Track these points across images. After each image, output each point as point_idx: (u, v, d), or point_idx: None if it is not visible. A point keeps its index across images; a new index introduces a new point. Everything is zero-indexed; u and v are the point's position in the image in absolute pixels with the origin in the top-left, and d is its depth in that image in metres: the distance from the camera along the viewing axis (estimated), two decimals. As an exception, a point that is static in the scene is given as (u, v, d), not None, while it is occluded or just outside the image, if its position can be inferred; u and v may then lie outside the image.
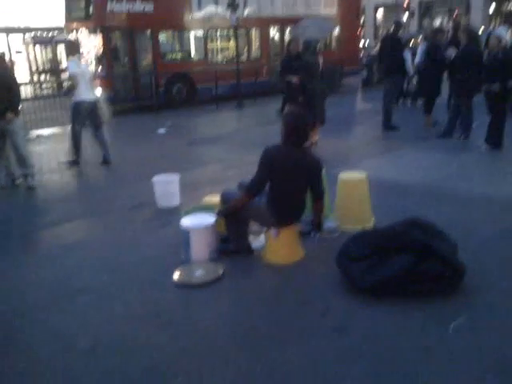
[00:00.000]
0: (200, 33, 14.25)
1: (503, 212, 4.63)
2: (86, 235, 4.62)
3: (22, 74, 19.58)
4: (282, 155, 3.65)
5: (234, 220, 3.89)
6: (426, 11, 37.94)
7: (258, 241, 4.10)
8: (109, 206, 5.47)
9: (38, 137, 10.08)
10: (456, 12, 33.63)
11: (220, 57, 15.40)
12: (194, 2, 13.65)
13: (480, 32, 22.07)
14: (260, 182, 3.67)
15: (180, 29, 13.96)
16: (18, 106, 6.22)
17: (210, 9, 13.88)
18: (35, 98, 14.36)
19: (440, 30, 10.30)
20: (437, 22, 35.52)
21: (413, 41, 12.73)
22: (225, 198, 3.96)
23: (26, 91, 13.78)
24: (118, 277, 3.72)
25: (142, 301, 3.35)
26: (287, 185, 3.65)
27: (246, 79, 13.55)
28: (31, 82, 19.40)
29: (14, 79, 6.33)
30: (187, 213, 4.24)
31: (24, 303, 3.41)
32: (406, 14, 33.29)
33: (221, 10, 13.70)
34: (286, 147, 3.68)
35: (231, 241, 4.00)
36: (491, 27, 28.29)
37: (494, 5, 33.53)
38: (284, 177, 3.63)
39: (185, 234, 3.89)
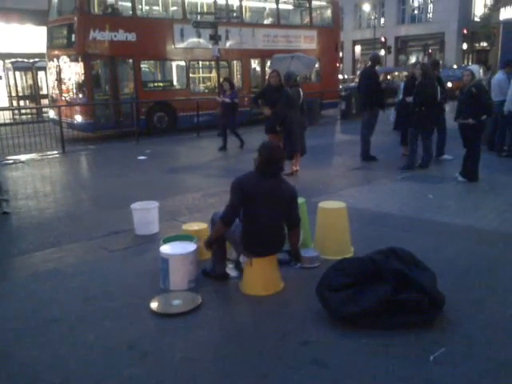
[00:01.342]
0: (182, 63, 14.42)
1: (480, 243, 4.69)
2: (59, 263, 4.48)
3: (1, 99, 19.43)
4: (255, 184, 3.63)
5: (219, 244, 3.88)
6: (402, 47, 39.34)
7: (232, 269, 4.05)
8: (85, 233, 5.35)
9: (15, 162, 9.92)
10: (430, 50, 34.98)
11: (202, 87, 15.59)
12: (176, 32, 13.86)
13: (455, 67, 22.94)
14: (233, 210, 3.64)
15: (162, 58, 14.13)
16: None
17: (192, 40, 14.10)
18: (14, 123, 14.23)
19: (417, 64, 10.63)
20: (413, 58, 36.83)
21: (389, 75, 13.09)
22: (214, 220, 3.95)
23: (4, 116, 13.64)
24: (92, 306, 3.61)
25: (117, 331, 3.25)
26: (261, 214, 3.61)
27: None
28: (10, 107, 19.24)
29: None
30: (167, 240, 4.18)
31: (-8, 334, 3.27)
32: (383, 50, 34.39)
33: (203, 41, 13.93)
34: (259, 176, 3.66)
35: (212, 264, 3.98)
36: (463, 64, 29.42)
37: (466, 43, 35.03)
38: (258, 205, 3.60)
39: (164, 262, 3.82)
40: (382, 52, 34.86)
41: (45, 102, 18.09)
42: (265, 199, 3.61)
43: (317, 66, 16.88)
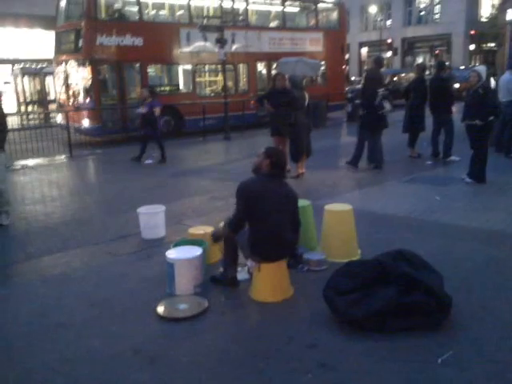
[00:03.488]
0: (188, 67, 14.47)
1: (488, 244, 4.65)
2: (66, 268, 4.51)
3: (9, 105, 19.61)
4: (261, 187, 3.65)
5: (231, 246, 3.86)
6: (408, 49, 39.20)
7: (241, 273, 4.05)
8: (92, 237, 5.38)
9: (23, 167, 10.00)
10: (437, 50, 34.82)
11: (208, 90, 15.63)
12: (182, 36, 13.92)
13: (462, 67, 22.85)
14: (240, 217, 3.67)
15: (169, 62, 14.18)
16: (4, 140, 5.92)
17: (198, 44, 14.15)
18: (22, 128, 14.35)
19: (425, 65, 10.64)
20: (419, 60, 36.68)
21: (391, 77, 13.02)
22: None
23: (12, 121, 13.77)
24: (98, 311, 3.62)
25: (123, 336, 3.25)
26: (269, 217, 3.60)
27: (234, 112, 13.71)
28: (18, 112, 19.41)
29: (2, 113, 5.93)
30: (177, 245, 4.19)
31: None
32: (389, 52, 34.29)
33: (209, 45, 13.98)
34: (266, 179, 3.68)
35: (223, 268, 3.97)
36: (471, 65, 29.27)
37: (473, 44, 34.84)
38: (265, 208, 3.60)
39: (169, 266, 3.83)
40: (389, 54, 34.75)
41: (52, 107, 18.23)
42: (272, 202, 3.61)
43: (323, 68, 16.87)
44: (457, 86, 17.46)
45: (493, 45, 36.26)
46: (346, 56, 21.50)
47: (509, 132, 8.95)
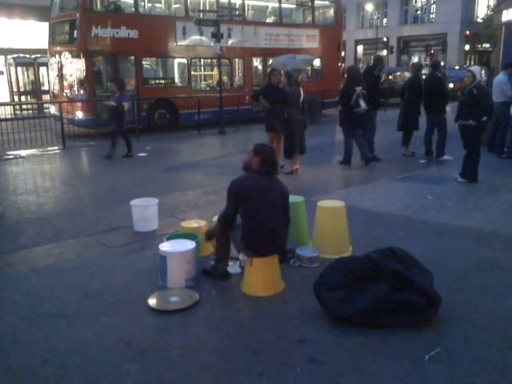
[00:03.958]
0: (184, 60, 14.42)
1: (479, 244, 4.69)
2: (58, 259, 4.50)
3: (2, 95, 19.46)
4: (252, 183, 3.68)
5: (224, 240, 3.88)
6: (404, 48, 39.28)
7: (233, 267, 4.06)
8: (84, 228, 5.36)
9: (16, 157, 9.93)
10: (433, 50, 34.92)
11: (203, 84, 15.59)
12: (178, 30, 13.86)
13: (457, 67, 22.90)
14: (230, 215, 3.71)
15: (164, 56, 14.12)
16: None
17: (194, 38, 14.10)
18: (15, 118, 14.24)
19: (420, 65, 10.68)
20: (415, 59, 36.77)
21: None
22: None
23: (5, 111, 13.67)
24: (90, 302, 3.62)
25: (115, 327, 3.26)
26: (261, 213, 3.64)
27: (229, 107, 13.69)
28: (11, 102, 19.26)
29: None
30: (170, 238, 4.19)
31: (-10, 328, 3.28)
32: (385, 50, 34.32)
33: (205, 39, 13.93)
34: (256, 175, 3.71)
35: (214, 261, 3.99)
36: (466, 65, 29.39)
37: (468, 44, 34.98)
38: (257, 204, 3.63)
39: (162, 259, 3.83)
40: (385, 52, 34.82)
41: (46, 97, 18.10)
42: (264, 198, 3.64)
43: (318, 64, 16.86)
44: (451, 85, 17.58)
45: (487, 45, 36.45)
46: (342, 53, 21.51)
47: (501, 132, 9.02)
